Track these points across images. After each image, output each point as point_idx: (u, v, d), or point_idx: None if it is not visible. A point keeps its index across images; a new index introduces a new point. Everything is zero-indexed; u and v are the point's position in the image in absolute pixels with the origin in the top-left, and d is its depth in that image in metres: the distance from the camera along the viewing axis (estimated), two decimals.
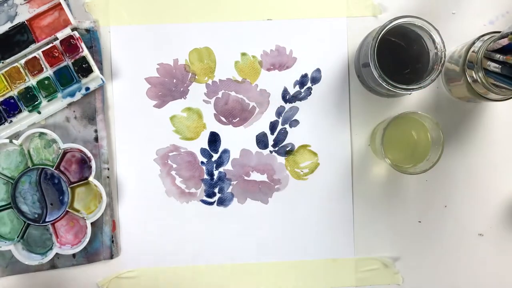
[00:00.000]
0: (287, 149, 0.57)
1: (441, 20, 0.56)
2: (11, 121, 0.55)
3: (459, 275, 0.57)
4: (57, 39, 0.54)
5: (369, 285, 0.57)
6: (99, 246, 0.56)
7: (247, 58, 0.57)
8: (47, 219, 0.55)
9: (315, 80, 0.57)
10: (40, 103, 0.55)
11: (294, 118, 0.57)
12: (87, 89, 0.55)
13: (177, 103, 0.57)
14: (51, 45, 0.54)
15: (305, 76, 0.57)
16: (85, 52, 0.54)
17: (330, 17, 0.57)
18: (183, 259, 0.57)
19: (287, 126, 0.57)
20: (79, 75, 0.54)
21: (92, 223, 0.54)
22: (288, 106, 0.57)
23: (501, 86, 0.48)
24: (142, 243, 0.57)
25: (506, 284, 0.57)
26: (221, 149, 0.57)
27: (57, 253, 0.54)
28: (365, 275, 0.57)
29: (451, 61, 0.54)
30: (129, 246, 0.57)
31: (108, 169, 0.56)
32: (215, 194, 0.57)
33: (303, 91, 0.57)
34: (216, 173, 0.57)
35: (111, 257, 0.56)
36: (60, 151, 0.54)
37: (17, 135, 0.55)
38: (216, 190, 0.57)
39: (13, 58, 0.55)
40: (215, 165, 0.57)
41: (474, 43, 0.50)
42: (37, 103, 0.55)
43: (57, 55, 0.54)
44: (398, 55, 0.52)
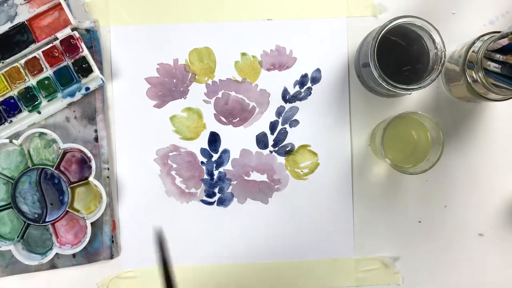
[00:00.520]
0: (287, 149, 0.57)
1: (441, 20, 0.56)
2: (11, 121, 0.55)
3: (459, 275, 0.57)
4: (57, 39, 0.54)
5: (369, 285, 0.57)
6: (99, 246, 0.56)
7: (247, 58, 0.57)
8: (47, 219, 0.55)
9: (315, 80, 0.57)
10: (40, 103, 0.55)
11: (294, 118, 0.57)
12: (87, 89, 0.55)
13: (177, 103, 0.57)
14: (51, 45, 0.54)
15: (305, 76, 0.57)
16: (85, 52, 0.54)
17: (330, 17, 0.57)
18: (183, 259, 0.57)
19: (287, 126, 0.57)
20: (79, 75, 0.54)
21: (92, 223, 0.54)
22: (288, 106, 0.57)
23: (501, 86, 0.48)
24: (142, 243, 0.57)
25: (506, 284, 0.57)
26: (221, 149, 0.57)
27: (57, 253, 0.54)
28: (365, 275, 0.57)
29: (451, 61, 0.54)
30: (129, 246, 0.57)
31: (108, 169, 0.56)
32: (215, 194, 0.57)
33: (303, 91, 0.57)
34: (216, 173, 0.57)
35: (111, 257, 0.56)
36: (60, 151, 0.54)
37: (17, 135, 0.55)
38: (216, 190, 0.57)
39: (13, 58, 0.55)
40: (215, 165, 0.57)
41: (474, 43, 0.50)
42: (37, 103, 0.55)
43: (57, 55, 0.54)
44: (398, 55, 0.52)
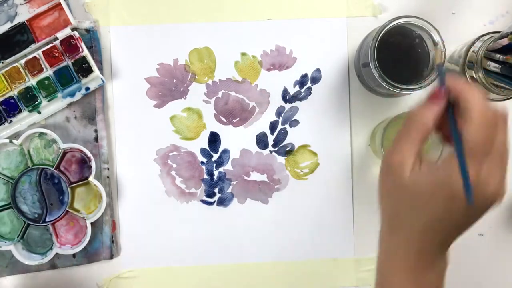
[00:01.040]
0: (287, 149, 0.57)
1: (441, 20, 0.56)
2: (11, 121, 0.55)
3: (459, 275, 0.57)
4: (57, 39, 0.54)
5: (369, 285, 0.57)
6: (99, 246, 0.56)
7: (247, 58, 0.57)
8: (47, 219, 0.55)
9: (315, 80, 0.57)
10: (40, 103, 0.55)
11: (294, 118, 0.57)
12: (87, 89, 0.55)
13: (177, 103, 0.57)
14: (51, 45, 0.54)
15: (305, 76, 0.57)
16: (85, 52, 0.54)
17: (330, 17, 0.57)
18: (183, 259, 0.57)
19: (287, 126, 0.57)
20: (79, 75, 0.54)
21: (92, 223, 0.54)
22: (288, 106, 0.57)
23: (501, 86, 0.48)
24: (142, 243, 0.57)
25: (506, 284, 0.57)
26: (221, 149, 0.57)
27: (57, 253, 0.54)
28: (365, 275, 0.57)
29: (451, 61, 0.54)
30: (129, 246, 0.57)
31: (108, 169, 0.56)
32: (215, 194, 0.57)
33: (303, 91, 0.57)
34: (216, 173, 0.57)
35: (111, 257, 0.56)
36: (60, 151, 0.54)
37: (17, 135, 0.55)
38: (216, 190, 0.57)
39: (13, 58, 0.55)
40: (215, 165, 0.57)
41: (474, 43, 0.50)
42: (37, 103, 0.55)
43: (57, 55, 0.54)
44: (398, 55, 0.52)
